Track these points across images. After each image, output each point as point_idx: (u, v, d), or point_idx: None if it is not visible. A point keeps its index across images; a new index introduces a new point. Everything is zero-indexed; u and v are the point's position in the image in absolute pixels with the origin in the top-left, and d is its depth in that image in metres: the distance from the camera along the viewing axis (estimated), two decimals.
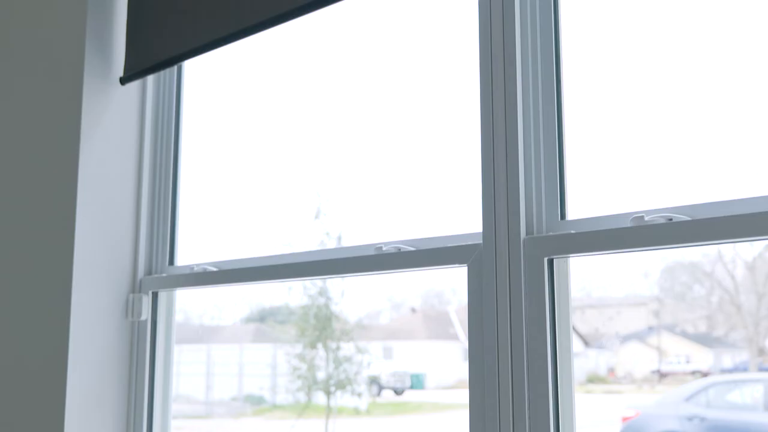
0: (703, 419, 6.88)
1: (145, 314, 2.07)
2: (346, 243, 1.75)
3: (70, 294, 1.99)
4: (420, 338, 11.66)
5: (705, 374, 8.77)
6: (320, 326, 6.87)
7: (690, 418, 6.92)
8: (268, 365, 10.61)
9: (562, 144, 1.53)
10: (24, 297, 2.13)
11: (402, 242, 1.68)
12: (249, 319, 12.19)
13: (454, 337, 11.92)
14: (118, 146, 2.13)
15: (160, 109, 2.21)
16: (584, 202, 1.52)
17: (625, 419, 7.31)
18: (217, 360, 11.63)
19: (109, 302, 2.05)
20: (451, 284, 12.41)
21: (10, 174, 2.25)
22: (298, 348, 7.37)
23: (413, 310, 12.17)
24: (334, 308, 6.89)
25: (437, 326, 11.90)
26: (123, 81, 2.15)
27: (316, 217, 7.17)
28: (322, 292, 6.86)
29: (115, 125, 2.13)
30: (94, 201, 2.06)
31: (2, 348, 2.16)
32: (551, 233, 1.48)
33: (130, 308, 2.08)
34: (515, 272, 1.48)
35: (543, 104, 1.53)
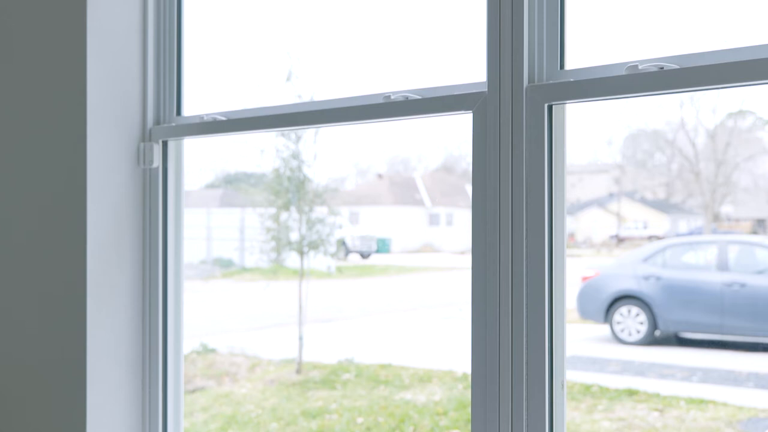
0: (659, 278, 7.24)
1: (157, 161, 2.17)
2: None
3: (85, 143, 2.07)
4: (386, 203, 11.91)
5: (661, 239, 9.14)
6: (293, 189, 7.00)
7: (647, 277, 7.28)
8: (237, 229, 10.80)
9: None
10: (42, 148, 2.21)
11: (409, 91, 1.78)
12: (214, 185, 12.28)
13: (420, 202, 12.18)
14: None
15: None
16: (582, 53, 1.64)
17: (585, 279, 7.66)
18: (184, 223, 11.79)
19: (122, 150, 2.15)
20: (417, 151, 12.58)
21: (20, 31, 2.29)
22: (271, 211, 7.51)
23: (379, 176, 12.36)
24: (306, 171, 7.00)
25: (403, 192, 12.14)
26: None
27: (288, 79, 7.19)
28: (295, 155, 6.95)
29: None
30: (104, 54, 2.12)
31: (22, 191, 2.27)
32: (551, 81, 1.61)
33: (142, 156, 2.18)
34: (517, 118, 1.60)
35: None
